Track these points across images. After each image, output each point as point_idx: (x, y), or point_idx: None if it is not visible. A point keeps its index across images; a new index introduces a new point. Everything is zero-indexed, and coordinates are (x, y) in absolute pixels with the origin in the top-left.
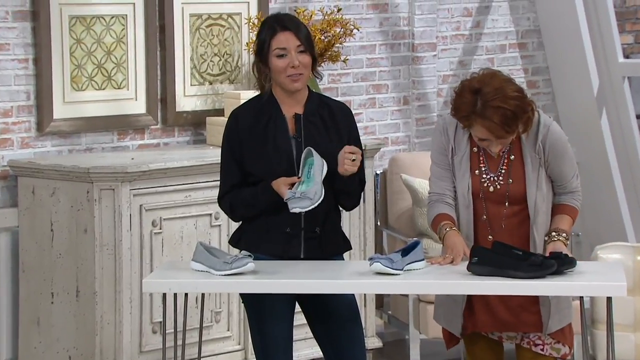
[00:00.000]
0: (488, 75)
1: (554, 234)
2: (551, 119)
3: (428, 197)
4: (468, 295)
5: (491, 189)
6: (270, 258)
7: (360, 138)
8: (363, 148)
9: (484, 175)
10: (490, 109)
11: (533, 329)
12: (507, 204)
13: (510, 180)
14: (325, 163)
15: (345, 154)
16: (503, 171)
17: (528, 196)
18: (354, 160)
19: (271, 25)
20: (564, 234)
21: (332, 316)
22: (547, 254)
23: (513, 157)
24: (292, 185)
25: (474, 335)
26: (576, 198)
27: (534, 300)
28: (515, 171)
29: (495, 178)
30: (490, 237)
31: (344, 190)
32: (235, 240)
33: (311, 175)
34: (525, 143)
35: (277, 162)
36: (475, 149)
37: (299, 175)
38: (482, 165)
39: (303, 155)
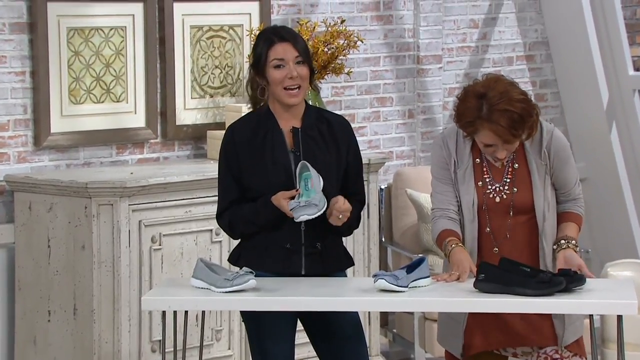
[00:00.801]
0: (492, 79)
1: (563, 242)
2: (552, 124)
3: (431, 213)
4: (476, 314)
5: (497, 199)
6: (270, 275)
7: (364, 152)
8: (367, 162)
9: (489, 186)
10: (497, 112)
11: (547, 342)
12: (511, 213)
13: (515, 189)
14: (320, 176)
15: (334, 211)
16: (508, 180)
17: (536, 204)
18: (340, 217)
19: (268, 37)
20: (574, 241)
21: (336, 334)
22: (558, 263)
23: (517, 165)
24: (292, 198)
25: (481, 354)
26: (580, 205)
27: (547, 314)
28: (520, 180)
29: (501, 188)
30: (495, 249)
31: (336, 229)
32: (235, 258)
33: (310, 187)
34: (530, 150)
35: (276, 177)
36: (477, 160)
37: (297, 188)
38: (486, 176)
39: (298, 170)
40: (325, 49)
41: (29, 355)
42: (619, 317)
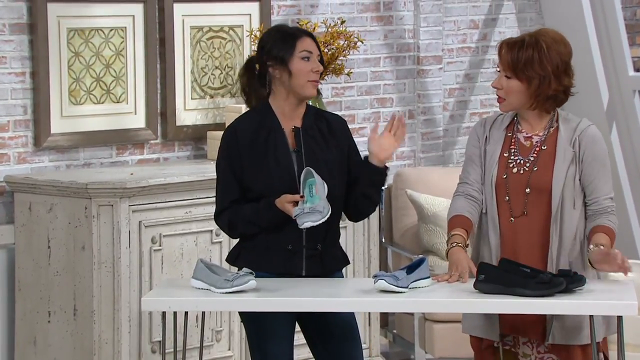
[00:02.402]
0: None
1: (592, 246)
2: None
3: (457, 186)
4: None
5: (515, 170)
6: (270, 275)
7: (364, 153)
8: None
9: (512, 157)
10: (537, 39)
11: (534, 334)
12: (527, 190)
13: (535, 168)
14: (325, 183)
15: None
16: (532, 159)
17: (554, 183)
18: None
19: (291, 32)
20: (602, 247)
21: (333, 335)
22: (596, 264)
23: (545, 147)
24: (296, 203)
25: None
26: (612, 219)
27: None
28: (543, 161)
29: (523, 162)
30: (512, 219)
31: (365, 192)
32: (234, 258)
33: (314, 194)
34: (563, 135)
35: (278, 177)
36: (509, 134)
37: (301, 194)
38: (512, 147)
39: (302, 176)
40: (326, 50)
41: (29, 356)
42: (619, 318)
